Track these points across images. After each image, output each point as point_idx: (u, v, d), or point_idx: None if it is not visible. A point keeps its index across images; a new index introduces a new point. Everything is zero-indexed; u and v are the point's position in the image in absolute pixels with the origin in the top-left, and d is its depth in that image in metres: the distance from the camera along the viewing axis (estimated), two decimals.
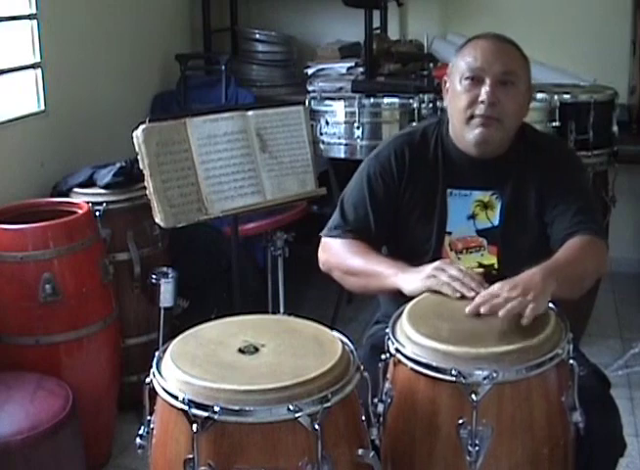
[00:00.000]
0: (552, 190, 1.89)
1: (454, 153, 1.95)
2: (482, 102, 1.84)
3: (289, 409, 1.35)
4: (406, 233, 1.97)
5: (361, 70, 3.62)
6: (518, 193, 1.92)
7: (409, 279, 1.74)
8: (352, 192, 2.01)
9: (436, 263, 1.73)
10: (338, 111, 3.09)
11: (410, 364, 1.52)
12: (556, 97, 3.09)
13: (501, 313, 1.53)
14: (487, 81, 1.85)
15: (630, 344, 3.26)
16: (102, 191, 2.73)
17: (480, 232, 1.94)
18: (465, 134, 1.89)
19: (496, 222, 1.93)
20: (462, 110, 1.88)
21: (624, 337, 3.43)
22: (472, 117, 1.87)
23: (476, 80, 1.86)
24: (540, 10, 3.91)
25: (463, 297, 1.65)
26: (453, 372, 1.46)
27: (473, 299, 1.62)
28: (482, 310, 1.56)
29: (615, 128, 3.21)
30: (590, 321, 3.43)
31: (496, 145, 1.90)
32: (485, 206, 1.94)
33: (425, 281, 1.71)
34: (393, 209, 1.97)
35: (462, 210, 1.94)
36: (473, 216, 1.94)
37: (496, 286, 1.61)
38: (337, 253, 1.95)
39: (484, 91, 1.84)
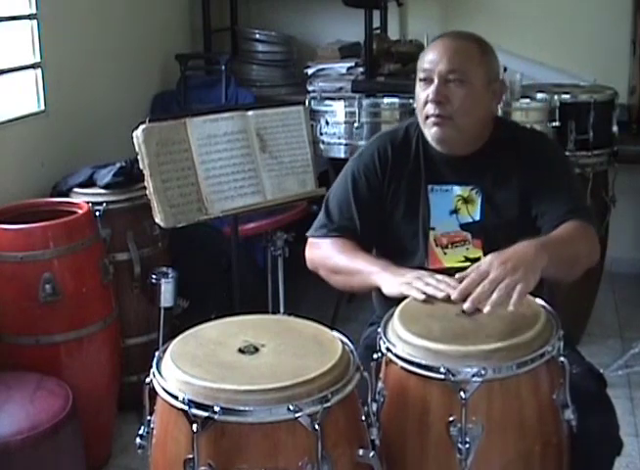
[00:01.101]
0: (536, 183, 1.90)
1: (432, 150, 1.96)
2: (430, 101, 1.87)
3: (289, 409, 1.35)
4: (392, 231, 1.98)
5: (361, 70, 3.61)
6: (497, 187, 1.93)
7: (389, 281, 1.75)
8: (337, 191, 2.03)
9: (418, 273, 1.74)
10: (338, 111, 3.09)
11: (400, 363, 1.53)
12: (556, 97, 3.09)
13: (486, 310, 1.53)
14: (435, 81, 1.87)
15: (630, 344, 3.26)
16: (102, 191, 2.73)
17: (464, 226, 1.95)
18: (426, 134, 1.93)
19: (477, 217, 1.94)
20: (420, 110, 1.92)
21: (624, 337, 3.43)
22: (427, 117, 1.89)
23: (428, 81, 1.89)
24: (540, 10, 3.91)
25: (431, 298, 1.65)
26: (442, 370, 1.46)
27: (444, 298, 1.63)
28: (465, 308, 1.55)
29: (615, 128, 3.21)
30: (590, 321, 3.43)
31: (457, 143, 1.92)
32: (466, 201, 1.95)
33: (400, 287, 1.72)
34: (378, 206, 1.98)
35: (444, 205, 1.95)
36: (455, 211, 1.95)
37: (487, 260, 1.60)
38: (322, 252, 1.97)
39: (431, 90, 1.87)
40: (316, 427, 1.36)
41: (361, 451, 1.44)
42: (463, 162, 1.94)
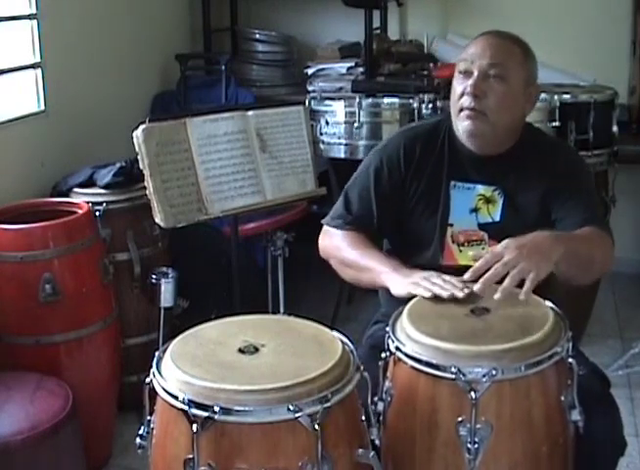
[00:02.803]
0: (559, 191, 1.91)
1: (460, 147, 1.96)
2: (467, 93, 1.88)
3: (289, 409, 1.35)
4: (411, 225, 1.99)
5: (361, 70, 3.61)
6: (520, 191, 1.94)
7: (397, 281, 1.77)
8: (357, 181, 2.03)
9: (426, 273, 1.75)
10: (338, 111, 3.09)
11: (410, 362, 1.53)
12: (556, 97, 3.09)
13: (497, 296, 1.54)
14: (474, 74, 1.88)
15: (630, 344, 3.26)
16: (102, 191, 2.73)
17: (482, 226, 1.95)
18: (457, 127, 1.93)
19: (497, 218, 1.95)
20: (454, 102, 1.92)
21: (624, 337, 3.43)
22: (461, 109, 1.90)
23: (467, 74, 1.90)
24: (540, 10, 3.91)
25: (437, 297, 1.66)
26: (453, 370, 1.46)
27: (449, 297, 1.64)
28: (476, 289, 1.56)
29: (615, 128, 3.21)
30: (590, 321, 3.43)
31: (487, 139, 1.92)
32: (487, 200, 1.95)
33: (407, 287, 1.73)
34: (398, 200, 1.98)
35: (465, 202, 1.95)
36: (475, 210, 1.95)
37: (503, 243, 1.62)
38: (335, 243, 1.98)
39: (469, 83, 1.87)
40: (316, 427, 1.36)
41: (361, 451, 1.44)
42: (489, 161, 1.95)
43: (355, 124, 3.04)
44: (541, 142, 2.01)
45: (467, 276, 1.59)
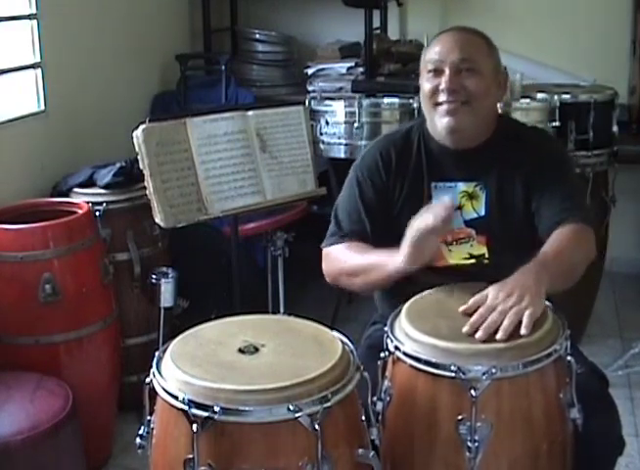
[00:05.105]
0: (537, 179, 1.91)
1: (436, 147, 1.97)
2: (442, 90, 1.88)
3: (289, 409, 1.35)
4: (399, 230, 1.98)
5: (361, 70, 3.62)
6: (501, 183, 1.94)
7: (399, 256, 1.74)
8: (344, 199, 2.03)
9: (409, 230, 1.73)
10: (338, 111, 3.09)
11: (409, 361, 1.53)
12: (556, 97, 3.09)
13: (499, 336, 1.52)
14: (446, 71, 1.89)
15: (630, 344, 3.26)
16: (102, 191, 2.73)
17: (468, 223, 1.95)
18: (436, 125, 1.93)
19: (482, 212, 1.95)
20: (427, 99, 1.93)
21: (624, 337, 3.43)
22: (436, 104, 1.90)
23: (438, 72, 1.90)
24: (540, 10, 3.91)
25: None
26: (453, 368, 1.46)
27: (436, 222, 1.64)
28: (478, 337, 1.53)
29: (615, 128, 3.21)
30: (590, 321, 3.43)
31: (470, 132, 1.92)
32: (471, 196, 1.95)
33: (406, 242, 1.71)
34: (385, 207, 1.98)
35: None
36: (459, 208, 1.95)
37: (491, 295, 1.60)
38: (336, 258, 1.96)
39: (444, 80, 1.88)
40: (316, 427, 1.36)
41: (361, 451, 1.44)
42: (467, 157, 1.95)
43: (355, 124, 3.04)
44: (520, 132, 2.01)
45: (465, 330, 1.57)
